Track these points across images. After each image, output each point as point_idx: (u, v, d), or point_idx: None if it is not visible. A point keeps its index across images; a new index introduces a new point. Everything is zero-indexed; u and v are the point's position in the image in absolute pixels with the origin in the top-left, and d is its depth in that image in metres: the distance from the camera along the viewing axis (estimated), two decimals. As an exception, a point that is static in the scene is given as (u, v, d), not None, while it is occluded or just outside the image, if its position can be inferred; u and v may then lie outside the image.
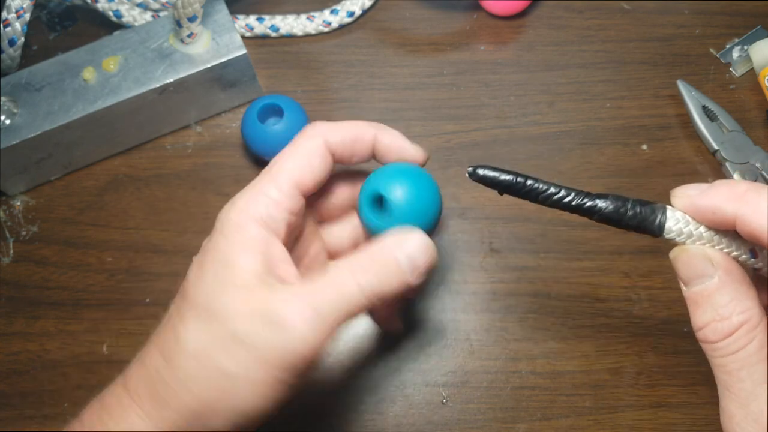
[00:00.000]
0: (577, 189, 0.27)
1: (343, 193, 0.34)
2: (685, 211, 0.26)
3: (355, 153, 0.32)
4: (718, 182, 0.25)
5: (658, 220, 0.26)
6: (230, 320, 0.27)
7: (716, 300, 0.24)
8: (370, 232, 0.32)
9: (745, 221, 0.24)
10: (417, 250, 0.28)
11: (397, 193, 0.30)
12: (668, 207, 0.26)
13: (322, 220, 0.35)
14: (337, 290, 0.27)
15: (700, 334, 0.25)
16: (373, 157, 0.33)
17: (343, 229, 0.35)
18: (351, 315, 0.27)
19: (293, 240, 0.32)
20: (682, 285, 0.26)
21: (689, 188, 0.26)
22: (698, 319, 0.25)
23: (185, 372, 0.27)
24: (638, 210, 0.26)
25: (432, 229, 0.31)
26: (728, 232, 0.25)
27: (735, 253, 0.26)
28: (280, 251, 0.29)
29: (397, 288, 0.28)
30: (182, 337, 0.27)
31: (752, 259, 0.26)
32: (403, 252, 0.28)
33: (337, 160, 0.32)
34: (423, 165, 0.33)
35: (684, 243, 0.26)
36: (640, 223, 0.26)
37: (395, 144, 0.32)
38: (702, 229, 0.26)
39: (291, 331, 0.26)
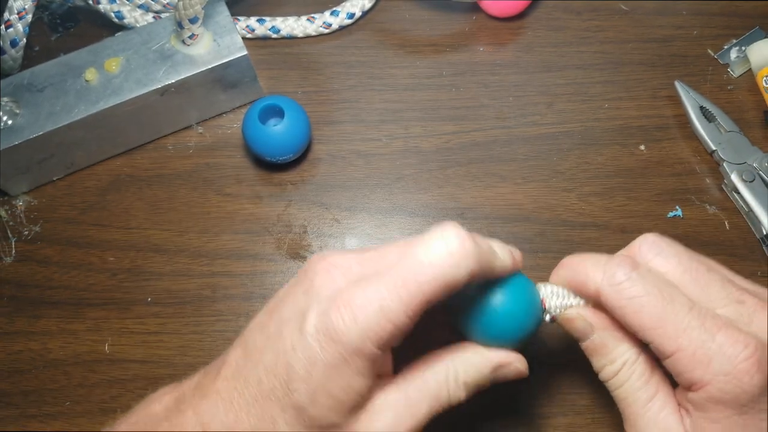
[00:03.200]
0: None
1: None
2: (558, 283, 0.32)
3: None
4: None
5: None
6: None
7: (601, 350, 0.30)
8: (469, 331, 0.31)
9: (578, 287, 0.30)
10: (511, 376, 0.31)
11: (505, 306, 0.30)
12: (539, 285, 0.32)
13: None
14: (431, 404, 0.29)
15: (599, 376, 0.31)
16: None
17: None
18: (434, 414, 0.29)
19: None
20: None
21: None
22: (595, 366, 0.31)
23: None
24: None
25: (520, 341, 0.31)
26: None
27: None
28: (388, 361, 0.29)
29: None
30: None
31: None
32: (499, 377, 0.31)
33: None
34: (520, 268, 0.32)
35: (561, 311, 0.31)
36: None
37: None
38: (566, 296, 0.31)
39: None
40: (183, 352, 0.41)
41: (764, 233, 0.42)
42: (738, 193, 0.43)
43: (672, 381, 0.29)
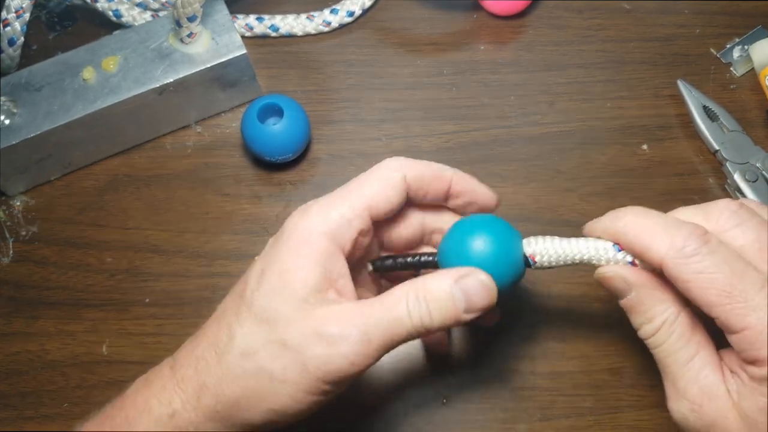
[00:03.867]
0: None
1: (412, 225, 0.34)
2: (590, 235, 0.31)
3: (429, 192, 0.33)
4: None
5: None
6: (283, 328, 0.28)
7: (639, 308, 0.29)
8: None
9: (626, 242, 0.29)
10: (475, 289, 0.29)
11: (484, 246, 0.30)
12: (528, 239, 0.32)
13: (388, 249, 0.35)
14: (388, 316, 0.28)
15: (638, 334, 0.30)
16: (445, 199, 0.33)
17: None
18: (398, 341, 0.29)
19: (357, 260, 0.33)
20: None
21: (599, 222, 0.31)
22: (634, 323, 0.30)
23: (233, 368, 0.28)
24: None
25: (508, 288, 0.31)
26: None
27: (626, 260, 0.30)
28: (342, 266, 0.30)
29: (448, 323, 0.29)
30: (237, 335, 0.29)
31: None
32: (460, 289, 0.29)
33: (411, 196, 0.32)
34: (495, 209, 0.33)
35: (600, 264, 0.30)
36: None
37: (469, 187, 0.33)
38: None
39: (337, 348, 0.28)
40: (181, 353, 0.40)
41: (767, 234, 0.41)
42: (741, 192, 0.43)
43: (715, 339, 0.28)
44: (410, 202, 0.33)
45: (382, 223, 0.33)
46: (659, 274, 0.28)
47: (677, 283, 0.27)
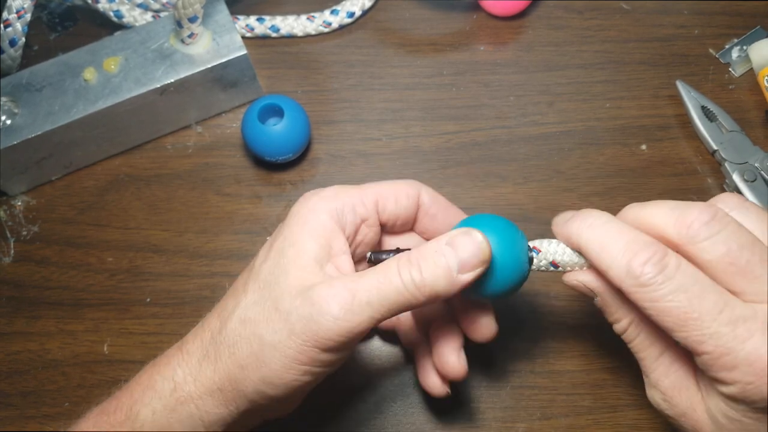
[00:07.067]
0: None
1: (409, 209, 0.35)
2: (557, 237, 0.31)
3: (439, 213, 0.34)
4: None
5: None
6: (278, 294, 0.29)
7: (607, 310, 0.30)
8: None
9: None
10: (465, 245, 0.28)
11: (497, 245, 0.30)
12: (542, 241, 0.31)
13: (388, 233, 0.36)
14: (379, 280, 0.28)
15: (613, 329, 0.31)
16: (412, 226, 0.35)
17: (407, 243, 0.36)
18: (393, 306, 0.28)
19: (360, 245, 0.34)
20: None
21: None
22: (608, 320, 0.31)
23: (232, 335, 0.29)
24: None
25: (512, 289, 0.31)
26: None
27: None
28: (342, 244, 0.31)
29: (441, 283, 0.28)
30: (240, 303, 0.30)
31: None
32: (452, 249, 0.28)
33: (423, 211, 0.34)
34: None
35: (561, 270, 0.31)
36: None
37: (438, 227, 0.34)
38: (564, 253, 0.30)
39: (323, 309, 0.28)
40: (182, 352, 0.40)
41: (766, 233, 0.42)
42: (740, 192, 0.43)
43: None
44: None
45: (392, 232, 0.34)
46: None
47: (637, 307, 0.27)
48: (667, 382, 0.29)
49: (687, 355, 0.29)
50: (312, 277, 0.29)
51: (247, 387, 0.29)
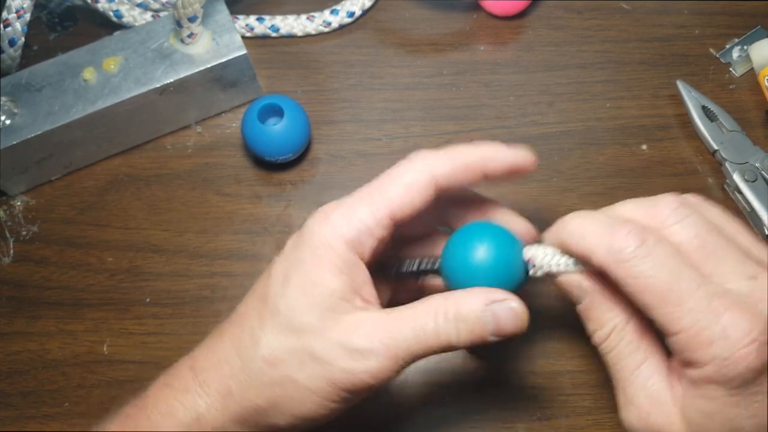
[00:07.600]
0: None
1: (427, 214, 0.33)
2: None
3: (463, 182, 0.32)
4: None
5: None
6: (310, 338, 0.28)
7: (591, 315, 0.30)
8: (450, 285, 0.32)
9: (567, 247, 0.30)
10: (506, 315, 0.29)
11: (486, 255, 0.30)
12: (526, 248, 0.31)
13: (401, 238, 0.35)
14: (416, 333, 0.28)
15: (592, 341, 0.30)
16: (484, 178, 0.32)
17: (422, 250, 0.35)
18: (422, 356, 0.29)
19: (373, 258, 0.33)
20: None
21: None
22: (588, 330, 0.31)
23: (259, 375, 0.29)
24: None
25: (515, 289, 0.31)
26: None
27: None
28: (364, 274, 0.30)
29: (474, 342, 0.29)
30: (261, 342, 0.29)
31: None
32: (492, 312, 0.29)
33: (442, 191, 0.31)
34: (534, 167, 0.32)
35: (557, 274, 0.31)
36: None
37: (503, 166, 0.32)
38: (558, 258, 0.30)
39: (364, 363, 0.28)
40: (182, 353, 0.40)
41: (766, 233, 0.42)
42: (740, 193, 0.43)
43: (664, 349, 0.29)
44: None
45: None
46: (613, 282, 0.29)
47: (620, 286, 0.28)
48: (644, 397, 0.28)
49: (666, 368, 0.29)
50: (344, 318, 0.29)
51: (279, 421, 0.29)
